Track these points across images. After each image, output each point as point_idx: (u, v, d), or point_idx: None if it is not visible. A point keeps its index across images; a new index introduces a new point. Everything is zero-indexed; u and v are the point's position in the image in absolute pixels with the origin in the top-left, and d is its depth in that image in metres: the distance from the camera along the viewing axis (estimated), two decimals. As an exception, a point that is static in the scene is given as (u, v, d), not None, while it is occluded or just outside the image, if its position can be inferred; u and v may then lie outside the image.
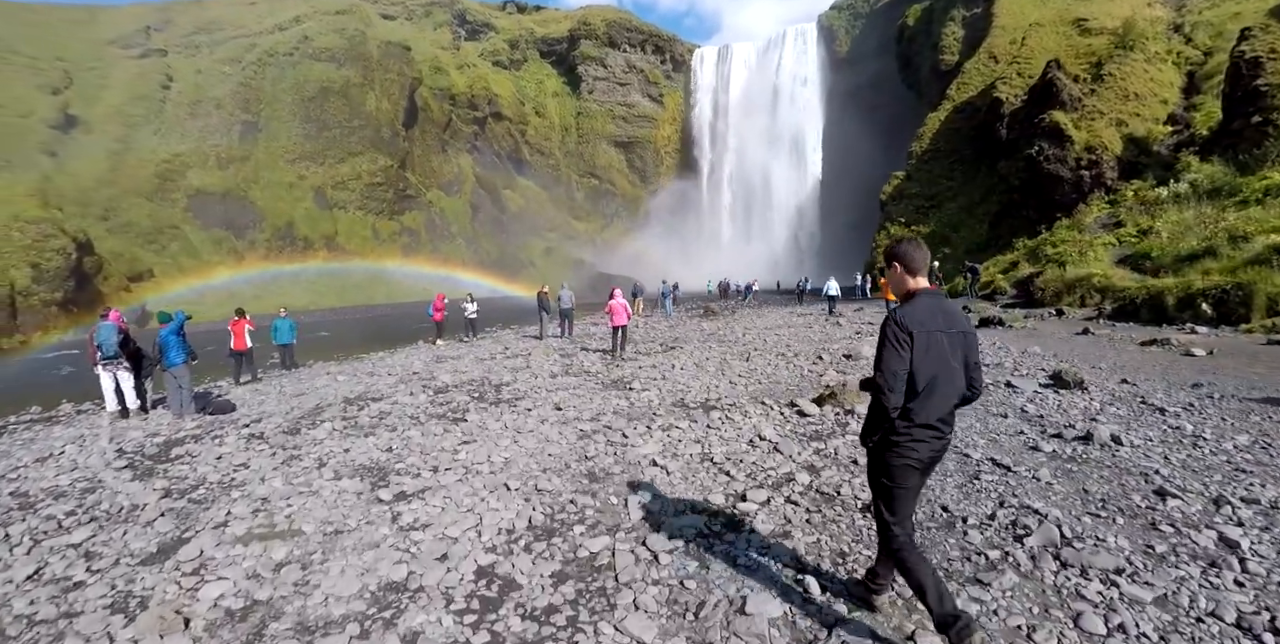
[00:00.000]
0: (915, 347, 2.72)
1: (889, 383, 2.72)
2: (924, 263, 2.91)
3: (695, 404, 8.88)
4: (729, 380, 10.66)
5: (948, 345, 2.79)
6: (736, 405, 8.67)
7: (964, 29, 61.24)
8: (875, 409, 2.85)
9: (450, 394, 10.07)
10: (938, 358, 2.75)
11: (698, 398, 9.28)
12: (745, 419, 7.83)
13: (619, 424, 7.60)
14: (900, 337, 2.72)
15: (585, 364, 13.19)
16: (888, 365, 2.73)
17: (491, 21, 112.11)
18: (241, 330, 13.33)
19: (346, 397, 10.45)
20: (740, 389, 9.93)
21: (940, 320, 2.79)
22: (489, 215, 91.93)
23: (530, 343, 18.63)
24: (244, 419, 9.23)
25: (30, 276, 37.94)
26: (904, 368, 2.71)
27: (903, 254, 2.89)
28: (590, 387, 10.45)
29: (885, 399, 2.74)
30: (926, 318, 2.77)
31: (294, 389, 12.01)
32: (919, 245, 2.93)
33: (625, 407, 8.74)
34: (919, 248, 2.91)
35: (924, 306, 2.81)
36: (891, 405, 2.74)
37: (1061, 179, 32.07)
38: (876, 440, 2.87)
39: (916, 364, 2.72)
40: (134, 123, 65.62)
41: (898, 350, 2.72)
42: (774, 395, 9.38)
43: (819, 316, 25.31)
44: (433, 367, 13.92)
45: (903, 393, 2.74)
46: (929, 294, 2.87)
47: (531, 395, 9.75)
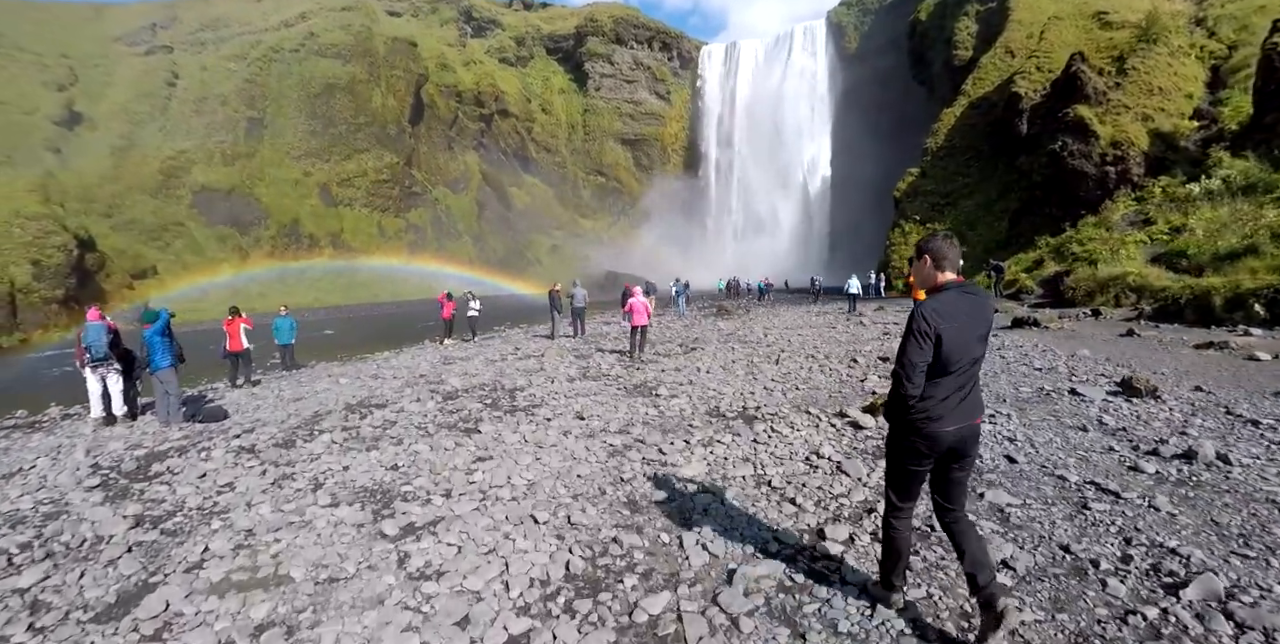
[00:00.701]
0: (943, 339, 2.74)
1: (907, 373, 2.78)
2: (955, 259, 2.93)
3: (732, 413, 8.04)
4: (763, 386, 9.82)
5: (972, 335, 2.82)
6: (779, 415, 7.83)
7: (978, 24, 60.08)
8: (895, 395, 2.89)
9: (460, 401, 9.25)
10: (961, 348, 2.79)
11: (733, 406, 8.44)
12: (794, 432, 6.99)
13: (652, 438, 6.76)
14: (924, 329, 2.74)
15: (603, 367, 12.36)
16: (908, 357, 2.77)
17: (498, 18, 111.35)
18: (237, 330, 12.57)
19: (348, 402, 9.64)
20: (778, 396, 9.09)
21: (965, 312, 2.81)
22: (495, 213, 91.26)
23: (542, 343, 17.81)
24: (235, 428, 8.43)
25: (31, 274, 37.33)
26: (924, 360, 2.76)
27: (934, 248, 2.91)
28: (612, 392, 9.62)
29: (903, 388, 2.81)
30: (953, 311, 2.78)
31: (293, 393, 11.21)
32: (952, 241, 2.95)
33: (655, 416, 7.91)
34: (952, 244, 2.94)
35: (950, 300, 2.82)
36: (909, 394, 2.80)
37: (1086, 175, 31.06)
38: (899, 425, 2.94)
39: (943, 356, 2.76)
40: (139, 120, 65.14)
41: (919, 343, 2.75)
42: (817, 403, 8.54)
43: (838, 315, 24.51)
44: (440, 369, 13.12)
45: (921, 384, 2.79)
46: (957, 287, 2.88)
47: (550, 402, 8.92)
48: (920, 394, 2.82)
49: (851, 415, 7.59)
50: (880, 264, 46.66)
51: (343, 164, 74.92)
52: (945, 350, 2.75)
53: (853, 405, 8.16)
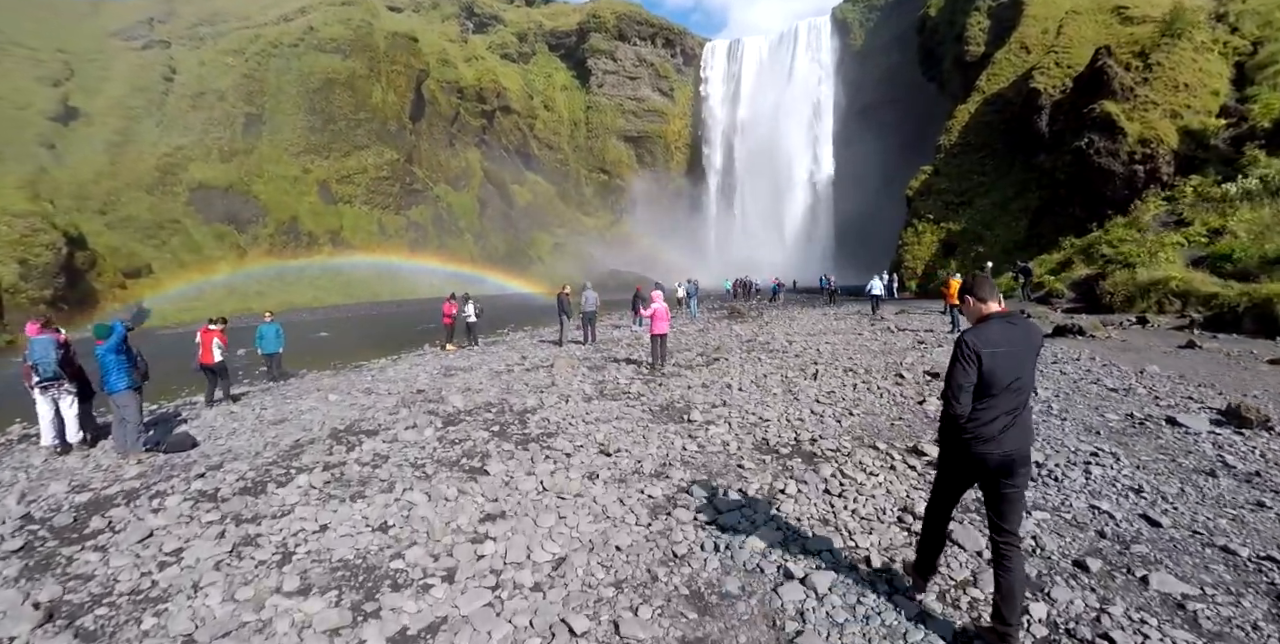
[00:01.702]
0: (983, 365, 3.03)
1: (955, 394, 3.08)
2: (992, 292, 3.28)
3: (786, 447, 6.83)
4: (809, 409, 8.61)
5: (1015, 362, 3.07)
6: (842, 452, 6.64)
7: (990, 19, 58.74)
8: (945, 417, 3.22)
9: (463, 426, 8.02)
10: (1005, 373, 3.05)
11: (783, 437, 7.23)
12: (868, 477, 5.79)
13: (700, 486, 5.54)
14: (969, 355, 3.05)
15: (621, 381, 11.13)
16: (955, 379, 3.09)
17: (500, 14, 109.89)
18: (210, 343, 11.32)
19: (335, 428, 8.41)
20: (831, 423, 7.88)
21: (1007, 340, 3.09)
22: (497, 210, 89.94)
23: (550, 350, 16.56)
24: (201, 463, 7.22)
25: (17, 273, 35.90)
26: (969, 382, 3.06)
27: (975, 289, 3.31)
28: (637, 416, 8.41)
29: (951, 409, 3.12)
30: (995, 339, 3.08)
31: (274, 413, 9.97)
32: (987, 279, 3.36)
33: (695, 452, 6.70)
34: (987, 281, 3.34)
35: (993, 329, 3.13)
36: (957, 414, 3.10)
37: (1113, 174, 29.90)
38: (950, 444, 3.24)
39: (987, 378, 3.05)
40: (135, 115, 63.73)
41: (965, 367, 3.05)
42: (881, 435, 7.34)
43: (858, 319, 23.34)
44: (440, 382, 11.88)
45: (969, 405, 3.08)
46: (999, 317, 3.19)
47: (567, 430, 7.71)
48: (969, 415, 3.08)
49: (930, 453, 6.39)
50: (893, 264, 45.49)
51: (342, 161, 73.54)
52: (986, 372, 3.03)
53: (925, 438, 6.96)
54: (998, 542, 3.18)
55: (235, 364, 19.51)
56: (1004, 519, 3.17)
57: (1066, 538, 4.52)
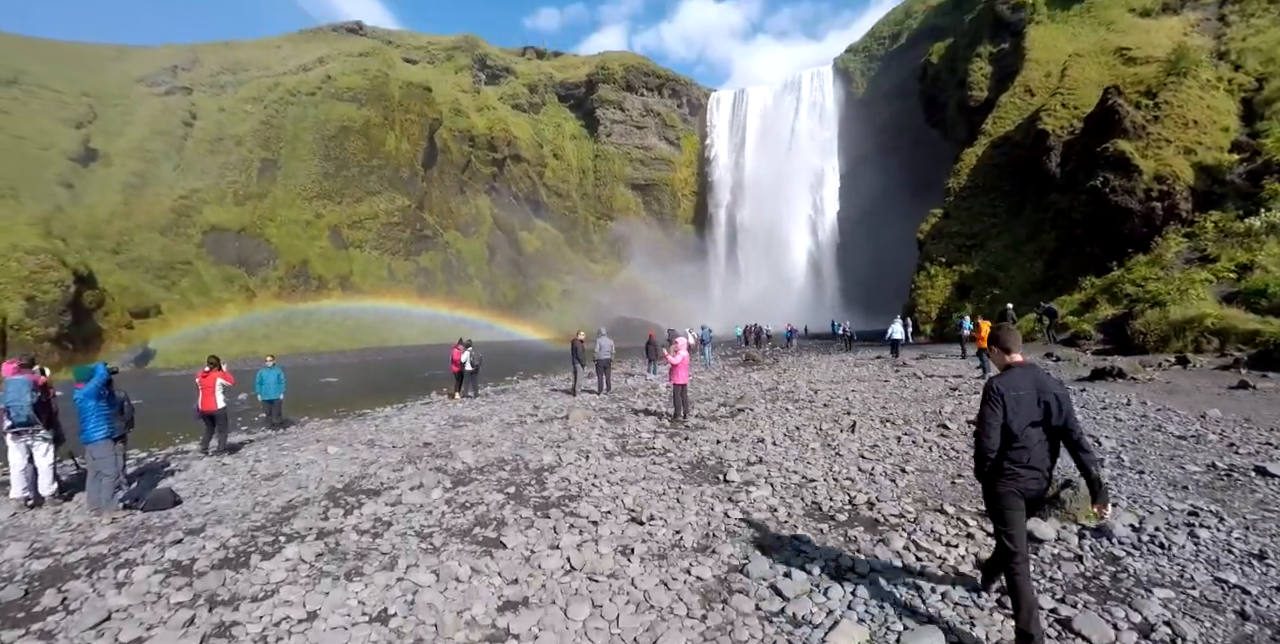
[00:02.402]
0: (1007, 406, 3.52)
1: (985, 432, 3.59)
2: (1016, 343, 3.77)
3: (841, 513, 6.00)
4: (855, 466, 7.78)
5: (1034, 404, 3.52)
6: (906, 516, 5.82)
7: (991, 65, 60.03)
8: (977, 455, 3.70)
9: (475, 487, 7.21)
10: (1027, 415, 3.52)
11: (836, 500, 6.40)
12: (948, 549, 4.97)
13: (756, 564, 4.70)
14: (995, 398, 3.55)
15: (643, 435, 10.30)
16: (984, 420, 3.59)
17: (511, 66, 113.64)
18: (212, 386, 10.38)
19: (333, 485, 7.61)
20: (884, 482, 7.04)
21: (1029, 386, 3.56)
22: (506, 257, 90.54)
23: (562, 399, 15.75)
24: (181, 525, 6.42)
25: (24, 309, 35.68)
26: (998, 422, 3.54)
27: (1001, 340, 3.78)
28: (666, 475, 7.58)
29: (982, 444, 3.62)
30: (1019, 384, 3.56)
31: (269, 467, 9.16)
32: (1012, 331, 3.85)
33: (739, 519, 5.86)
34: (1012, 333, 3.82)
35: (1017, 375, 3.63)
36: (986, 449, 3.59)
37: (1130, 211, 29.66)
38: (987, 475, 3.67)
39: (1009, 419, 3.52)
40: (154, 158, 65.21)
41: (993, 408, 3.55)
42: (943, 495, 6.51)
43: (880, 365, 22.52)
44: (449, 434, 11.07)
45: (997, 440, 3.57)
46: (1021, 367, 3.69)
47: (590, 492, 6.88)
48: (999, 450, 3.58)
49: None
50: (906, 308, 44.81)
51: (354, 206, 74.61)
52: (1009, 413, 3.51)
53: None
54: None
55: (235, 410, 18.77)
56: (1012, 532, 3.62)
57: (1205, 623, 3.72)
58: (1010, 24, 59.26)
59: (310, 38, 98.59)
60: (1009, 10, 59.67)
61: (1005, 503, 3.60)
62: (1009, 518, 3.59)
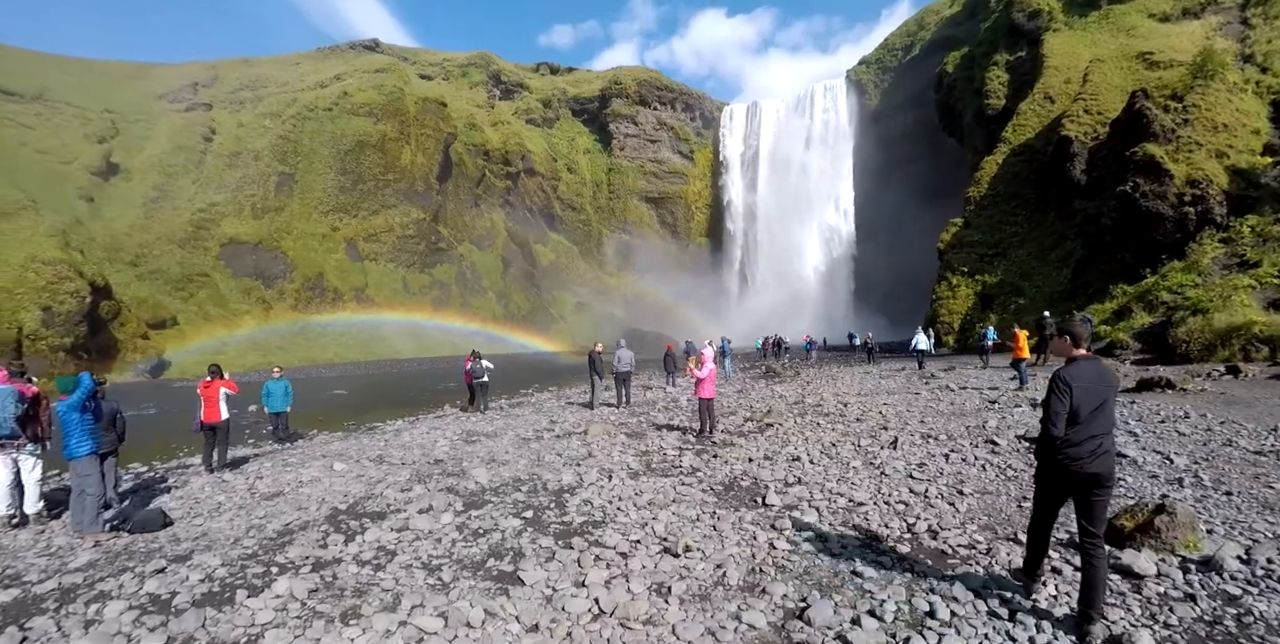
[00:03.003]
0: (1074, 396, 3.69)
1: (1053, 420, 3.75)
2: (1087, 335, 3.92)
3: (904, 544, 5.31)
4: (905, 487, 7.06)
5: (1096, 396, 3.73)
6: (977, 547, 5.17)
7: (1009, 73, 59.44)
8: (1043, 438, 3.89)
9: (489, 510, 6.55)
10: (1090, 403, 3.71)
11: (895, 527, 5.70)
12: (1038, 588, 4.25)
13: (818, 610, 4.01)
14: (1062, 388, 3.72)
15: (668, 452, 9.61)
16: (1052, 408, 3.76)
17: (525, 82, 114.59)
18: (215, 396, 9.76)
19: (336, 507, 6.99)
20: (941, 505, 6.33)
21: (1093, 377, 3.77)
22: (520, 270, 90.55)
23: (581, 413, 15.07)
24: (166, 551, 5.83)
25: (40, 319, 35.73)
26: (1065, 410, 3.71)
27: (1073, 331, 3.89)
28: (698, 498, 6.89)
29: (1050, 431, 3.77)
30: (1083, 375, 3.75)
31: (270, 484, 8.57)
32: (1084, 324, 3.95)
33: (787, 550, 5.17)
34: (1084, 326, 3.93)
35: (1081, 367, 3.80)
36: (1055, 436, 3.76)
37: (1162, 217, 28.83)
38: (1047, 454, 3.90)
39: (1075, 407, 3.70)
40: (174, 172, 66.07)
41: (1060, 398, 3.72)
42: (1011, 521, 5.82)
43: (907, 377, 21.69)
44: (461, 450, 10.44)
45: (1064, 427, 3.73)
46: (1086, 358, 3.86)
47: (615, 517, 6.21)
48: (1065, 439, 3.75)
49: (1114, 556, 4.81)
50: (928, 319, 43.86)
51: (370, 219, 75.03)
52: (1075, 402, 3.69)
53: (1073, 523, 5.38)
54: (1085, 542, 3.77)
55: (243, 421, 18.35)
56: (1092, 523, 3.75)
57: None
58: (1027, 32, 58.72)
59: (328, 55, 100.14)
60: (1025, 18, 59.14)
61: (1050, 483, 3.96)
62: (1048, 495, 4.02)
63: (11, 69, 67.23)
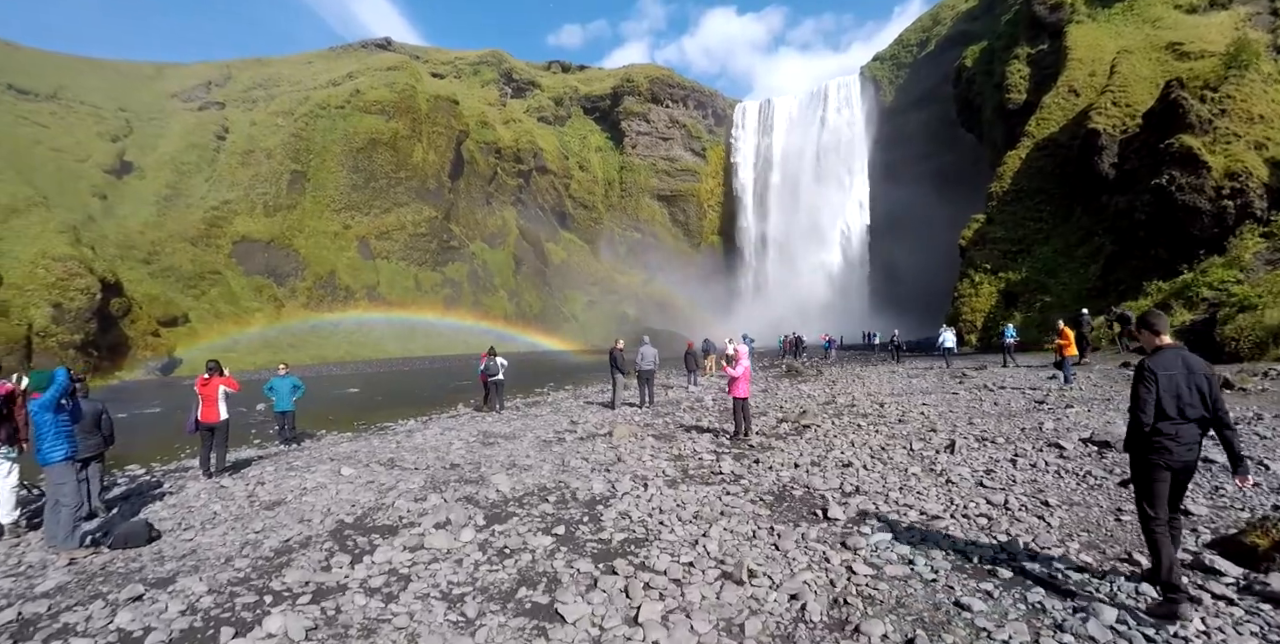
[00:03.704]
0: (1160, 385, 3.76)
1: (1140, 408, 3.81)
2: (1166, 326, 4.02)
3: (1004, 567, 4.50)
4: (980, 497, 6.24)
5: (1184, 384, 3.76)
6: (1093, 572, 4.33)
7: (1030, 67, 58.10)
8: (1132, 427, 3.92)
9: (514, 524, 5.78)
10: (1177, 392, 3.75)
11: (984, 545, 4.88)
12: (1181, 625, 3.45)
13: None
14: (1148, 377, 3.82)
15: (703, 455, 8.81)
16: (1139, 396, 3.83)
17: (536, 80, 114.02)
18: (215, 394, 9.00)
19: (342, 519, 6.25)
20: (1030, 520, 5.52)
21: (1179, 366, 3.80)
22: (532, 268, 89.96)
23: (602, 414, 14.26)
24: (148, 572, 5.12)
25: (50, 316, 35.41)
26: (1151, 398, 3.77)
27: (1152, 323, 4.05)
28: (749, 509, 6.09)
29: (1138, 420, 3.82)
30: (1169, 364, 3.81)
31: (272, 492, 7.84)
32: (1160, 315, 4.12)
33: (869, 576, 4.37)
34: (1161, 317, 4.09)
35: (1167, 356, 3.86)
36: (1143, 424, 3.79)
37: (1199, 211, 27.71)
38: (1138, 446, 3.90)
39: (1161, 396, 3.75)
40: (187, 171, 66.02)
41: (1148, 387, 3.80)
42: (1118, 540, 5.01)
43: (937, 375, 20.84)
44: (479, 453, 9.67)
45: (1151, 415, 3.77)
46: (1171, 348, 3.93)
47: (659, 533, 5.42)
48: (1152, 427, 3.78)
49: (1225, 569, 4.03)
50: (949, 317, 42.74)
51: (382, 217, 74.67)
52: (1161, 391, 3.75)
53: (1193, 541, 4.59)
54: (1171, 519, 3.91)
55: (250, 420, 17.73)
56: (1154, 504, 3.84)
57: None
58: (1048, 25, 57.36)
59: (340, 54, 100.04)
60: (1047, 11, 57.79)
61: (1153, 474, 3.85)
62: (1154, 489, 3.85)
63: (27, 68, 67.50)
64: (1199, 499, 5.90)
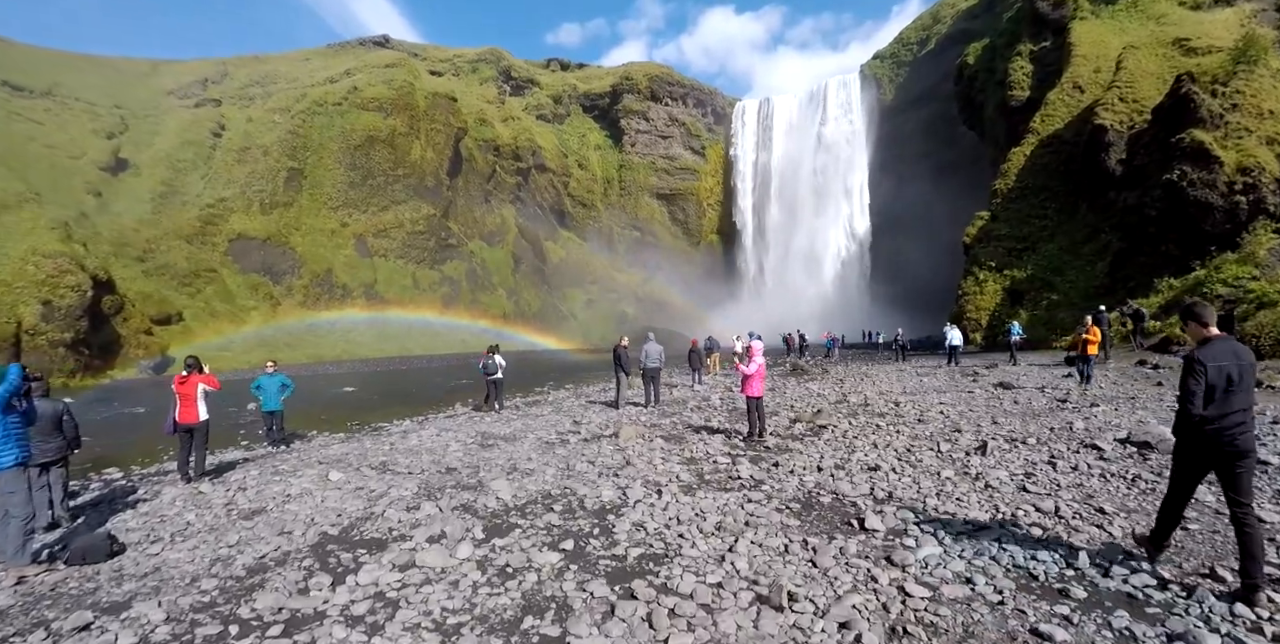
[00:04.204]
0: (1209, 375, 3.80)
1: (1189, 399, 3.84)
2: (1213, 317, 4.10)
3: (1078, 586, 3.94)
4: (1027, 503, 5.68)
5: (1235, 374, 3.82)
6: (1174, 589, 3.76)
7: (1033, 63, 57.70)
8: (1180, 416, 3.96)
9: (517, 538, 5.20)
10: (1226, 382, 3.80)
11: (1048, 561, 4.32)
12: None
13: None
14: (1198, 368, 3.84)
15: (717, 458, 8.22)
16: (1188, 387, 3.87)
17: (535, 78, 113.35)
18: (193, 393, 8.34)
19: (325, 531, 5.66)
20: (1089, 529, 4.97)
21: (1230, 356, 3.86)
22: (531, 267, 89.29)
23: (606, 413, 13.67)
24: (103, 594, 4.54)
25: (40, 314, 34.61)
26: (1200, 389, 3.81)
27: (1199, 314, 4.11)
28: (775, 519, 5.52)
29: (1188, 409, 3.85)
30: (1218, 355, 3.86)
31: (252, 499, 7.24)
32: (1207, 306, 4.16)
33: (926, 600, 3.81)
34: (1208, 308, 4.14)
35: (1216, 347, 3.91)
36: (1193, 414, 3.83)
37: (1212, 206, 27.40)
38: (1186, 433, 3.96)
39: (1212, 385, 3.80)
40: (182, 168, 65.23)
41: (1195, 377, 3.84)
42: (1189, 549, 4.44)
43: (948, 374, 20.36)
44: (477, 456, 9.07)
45: (1200, 406, 3.81)
46: (1220, 339, 3.99)
47: (680, 548, 4.85)
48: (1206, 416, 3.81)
49: None
50: (953, 315, 42.25)
51: (379, 215, 73.91)
52: (1210, 380, 3.80)
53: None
54: (1237, 512, 3.83)
55: (241, 420, 17.12)
56: (1240, 494, 3.82)
57: None
58: (1051, 21, 57.00)
59: (338, 51, 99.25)
60: (1050, 7, 57.44)
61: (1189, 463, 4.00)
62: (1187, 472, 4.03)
63: (22, 65, 66.67)
64: (1264, 504, 5.38)
